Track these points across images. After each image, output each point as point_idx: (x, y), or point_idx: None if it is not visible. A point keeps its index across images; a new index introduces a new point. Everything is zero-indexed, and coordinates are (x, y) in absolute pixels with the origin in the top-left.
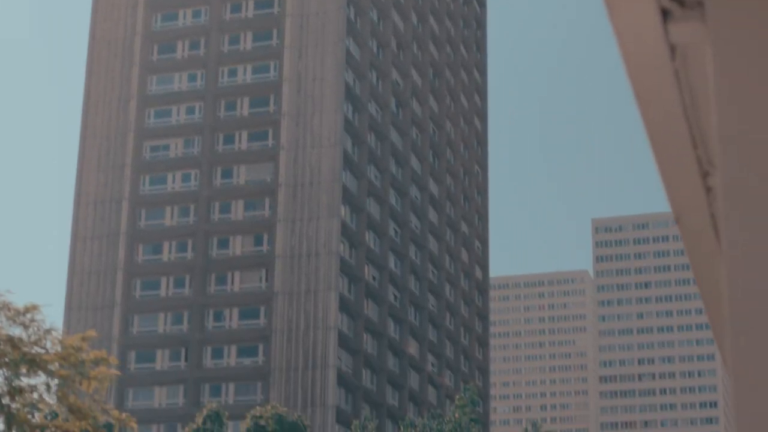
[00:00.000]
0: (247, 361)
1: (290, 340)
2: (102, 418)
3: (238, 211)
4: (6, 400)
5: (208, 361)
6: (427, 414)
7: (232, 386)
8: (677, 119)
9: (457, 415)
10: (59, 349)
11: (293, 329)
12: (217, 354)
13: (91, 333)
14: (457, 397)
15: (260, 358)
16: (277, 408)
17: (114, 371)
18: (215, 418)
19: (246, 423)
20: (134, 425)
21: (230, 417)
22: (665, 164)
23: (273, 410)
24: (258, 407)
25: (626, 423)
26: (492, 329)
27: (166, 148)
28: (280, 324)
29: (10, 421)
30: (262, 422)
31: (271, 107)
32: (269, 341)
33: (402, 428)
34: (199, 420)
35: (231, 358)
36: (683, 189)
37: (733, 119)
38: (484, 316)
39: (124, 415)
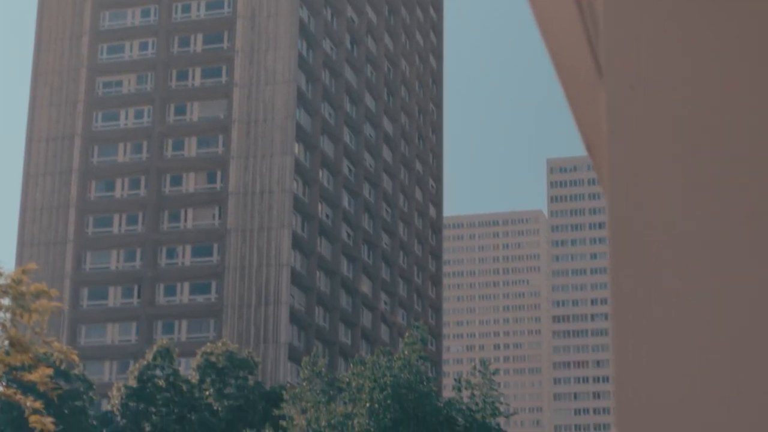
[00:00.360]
0: (199, 298)
1: (243, 277)
2: (43, 351)
3: (191, 147)
4: None
5: (161, 298)
6: (377, 351)
7: (184, 323)
8: (581, 48)
9: (406, 353)
10: (1, 282)
11: (246, 266)
12: (170, 291)
13: (32, 266)
14: (407, 334)
15: (213, 295)
16: (227, 345)
17: (55, 303)
18: (165, 354)
19: (197, 359)
20: (75, 357)
21: (183, 354)
22: (573, 94)
23: (224, 347)
24: (209, 344)
25: (578, 362)
26: (446, 269)
27: (119, 84)
28: (233, 261)
29: None
30: (213, 359)
31: (225, 43)
32: (222, 278)
33: (352, 365)
34: (149, 356)
35: (184, 295)
36: (591, 118)
37: (619, 35)
38: (437, 255)
39: (65, 347)
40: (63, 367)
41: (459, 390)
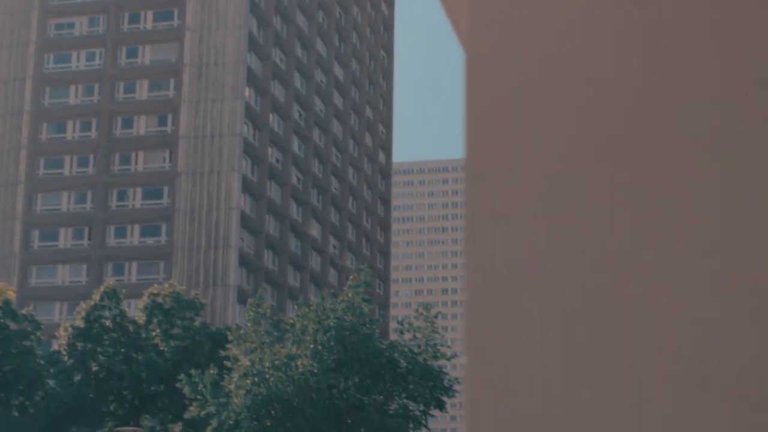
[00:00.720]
0: (149, 241)
1: (193, 220)
2: None
3: (142, 91)
4: None
5: (111, 240)
6: (322, 294)
7: (134, 265)
8: None
9: (350, 295)
10: None
11: (196, 209)
12: (120, 233)
13: None
14: (351, 277)
15: (163, 238)
16: (174, 286)
17: None
18: (112, 295)
19: (143, 300)
20: (12, 294)
21: (133, 295)
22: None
23: (170, 288)
24: (156, 285)
25: None
26: (395, 214)
27: (71, 26)
28: (183, 204)
29: None
30: (159, 300)
31: None
32: (172, 221)
33: (296, 307)
34: (96, 297)
35: (134, 237)
36: None
37: None
38: (386, 201)
39: (1, 284)
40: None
41: (401, 332)
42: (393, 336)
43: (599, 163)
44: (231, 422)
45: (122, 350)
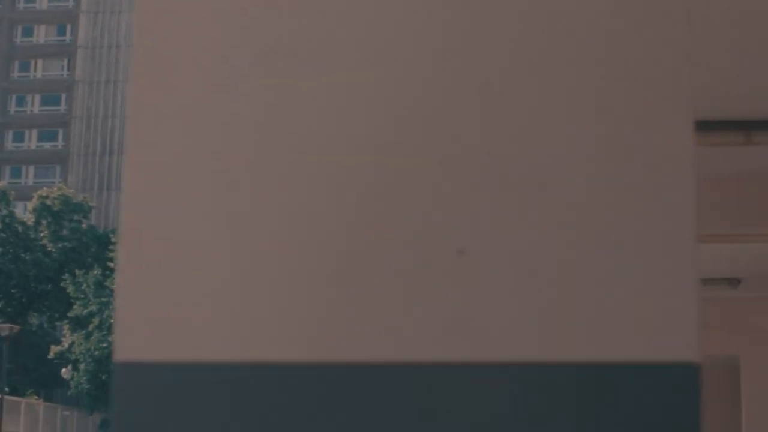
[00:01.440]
0: (47, 146)
1: (89, 126)
2: None
3: (42, 1)
4: None
5: (10, 144)
6: None
7: (31, 169)
8: None
9: None
10: None
11: (92, 116)
12: (18, 137)
13: None
14: None
15: (60, 143)
16: (63, 189)
17: None
18: (1, 196)
19: (33, 203)
20: None
21: (29, 198)
22: None
23: (60, 191)
24: (45, 188)
25: None
26: None
27: None
28: (80, 111)
29: None
30: (48, 202)
31: None
32: (69, 127)
33: None
34: None
35: (32, 142)
36: None
37: None
38: None
39: None
40: None
41: None
42: None
43: (264, 64)
44: (112, 320)
45: (11, 250)
